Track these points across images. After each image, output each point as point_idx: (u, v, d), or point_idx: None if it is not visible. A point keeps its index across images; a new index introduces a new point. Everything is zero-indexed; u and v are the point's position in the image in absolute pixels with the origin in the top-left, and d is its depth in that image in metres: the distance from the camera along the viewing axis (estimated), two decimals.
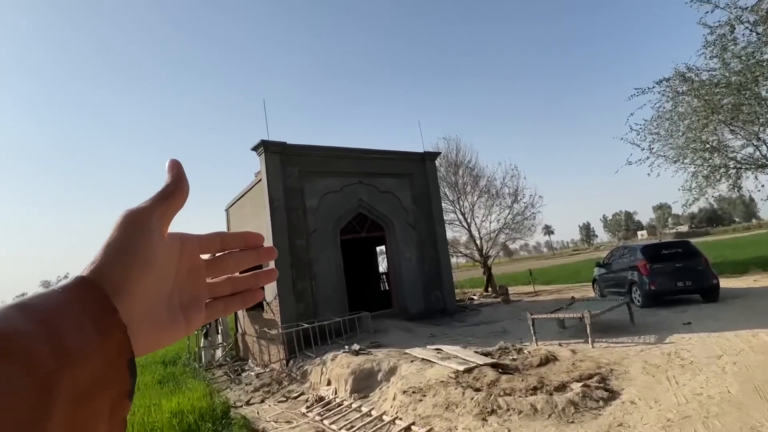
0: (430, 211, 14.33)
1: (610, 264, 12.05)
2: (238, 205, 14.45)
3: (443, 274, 14.00)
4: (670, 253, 9.98)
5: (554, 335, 8.46)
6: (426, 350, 8.04)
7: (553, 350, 7.05)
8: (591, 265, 14.13)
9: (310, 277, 11.52)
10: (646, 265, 9.90)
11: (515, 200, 21.31)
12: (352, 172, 12.94)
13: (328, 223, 12.25)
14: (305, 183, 12.08)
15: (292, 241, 11.36)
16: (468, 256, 23.11)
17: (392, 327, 11.32)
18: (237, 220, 14.72)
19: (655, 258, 9.94)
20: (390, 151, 13.93)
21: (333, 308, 11.76)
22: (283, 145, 11.60)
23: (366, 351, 8.90)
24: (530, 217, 21.33)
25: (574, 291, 17.54)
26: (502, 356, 7.02)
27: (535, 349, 7.27)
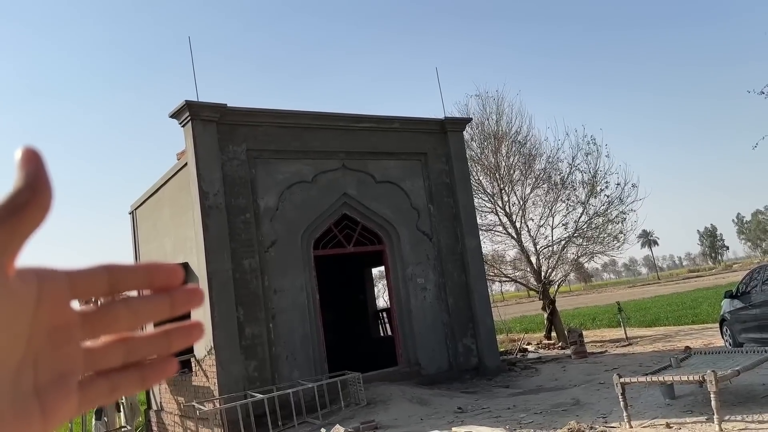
0: (456, 212, 14.14)
1: (748, 294, 11.85)
2: (151, 204, 14.32)
3: (478, 312, 13.80)
4: None
5: (658, 410, 8.31)
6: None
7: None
8: (719, 295, 13.94)
9: (266, 319, 11.33)
10: None
11: (592, 192, 21.08)
12: (332, 150, 12.79)
13: (294, 233, 12.07)
14: (258, 169, 11.91)
15: (238, 262, 11.19)
16: (518, 282, 22.91)
17: (397, 396, 11.15)
18: (149, 228, 14.58)
19: None
20: (392, 118, 13.76)
21: (303, 367, 11.58)
22: (221, 108, 11.44)
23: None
24: (618, 218, 21.11)
25: (690, 337, 17.33)
26: None
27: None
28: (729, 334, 12.79)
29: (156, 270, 0.43)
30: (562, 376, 12.84)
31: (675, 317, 24.13)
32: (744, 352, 8.59)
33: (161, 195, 13.62)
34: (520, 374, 13.79)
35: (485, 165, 21.63)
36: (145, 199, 14.67)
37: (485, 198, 21.54)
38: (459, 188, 14.26)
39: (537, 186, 21.80)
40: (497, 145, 21.62)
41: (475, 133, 22.18)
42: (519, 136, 21.96)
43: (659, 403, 8.64)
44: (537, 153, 22.06)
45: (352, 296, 18.47)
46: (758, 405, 7.78)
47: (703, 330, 18.56)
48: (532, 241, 21.59)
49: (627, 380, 7.81)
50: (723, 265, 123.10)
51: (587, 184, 21.46)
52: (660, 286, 75.08)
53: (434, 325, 13.47)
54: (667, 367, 8.51)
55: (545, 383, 12.41)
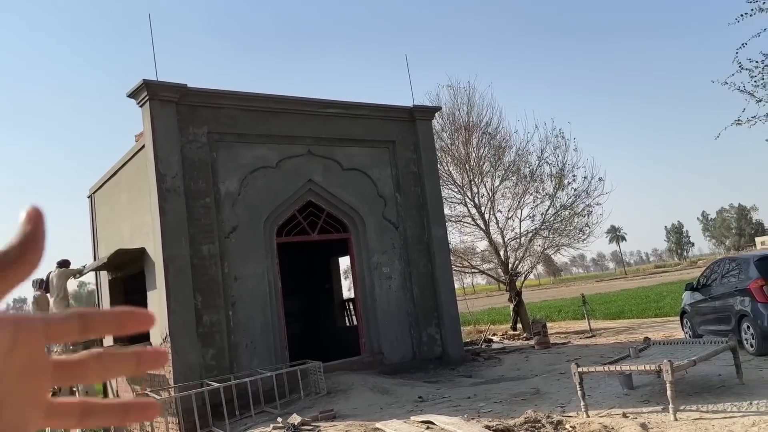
0: (424, 201, 13.98)
1: (708, 286, 11.93)
2: (109, 188, 13.86)
3: (443, 302, 13.68)
4: None
5: (616, 400, 8.29)
6: (409, 425, 7.78)
7: (614, 424, 6.82)
8: (682, 289, 14.08)
9: (225, 306, 11.04)
10: (764, 286, 9.78)
11: (560, 185, 21.13)
12: (297, 136, 12.50)
13: (256, 219, 11.77)
14: (220, 153, 11.56)
15: (197, 248, 10.86)
16: (485, 273, 22.91)
17: (358, 385, 10.98)
18: (107, 212, 14.13)
19: None
20: (361, 104, 13.52)
21: (263, 356, 11.33)
22: (181, 89, 11.06)
23: (312, 427, 8.54)
24: (584, 211, 21.21)
25: (653, 329, 17.51)
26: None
27: (584, 423, 7.04)
28: (689, 326, 12.90)
29: (127, 318, 0.45)
30: (524, 366, 12.80)
31: (639, 310, 24.42)
32: (701, 343, 8.61)
33: (119, 178, 13.17)
34: (483, 364, 13.72)
35: (455, 156, 21.51)
36: (104, 182, 14.19)
37: (455, 189, 21.45)
38: (426, 177, 14.08)
39: (506, 178, 21.77)
40: (467, 137, 21.52)
41: (446, 123, 22.06)
42: (489, 127, 21.90)
43: (617, 393, 8.62)
44: (507, 145, 22.03)
45: (319, 285, 18.21)
46: (713, 395, 7.79)
47: (666, 323, 18.77)
48: (500, 233, 21.59)
49: (584, 370, 7.75)
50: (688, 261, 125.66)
51: (555, 177, 21.51)
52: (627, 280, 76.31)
53: (398, 315, 13.31)
54: (625, 358, 8.49)
55: (507, 373, 12.36)
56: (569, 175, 21.41)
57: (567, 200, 21.24)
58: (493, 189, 21.63)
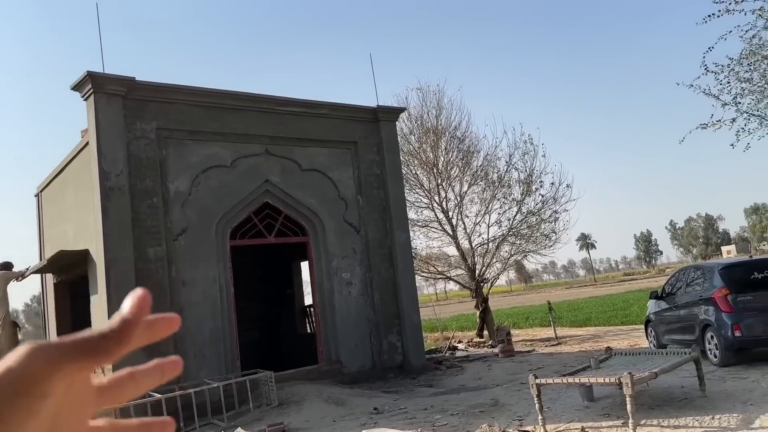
0: (387, 204, 13.57)
1: (672, 295, 11.75)
2: (56, 186, 13.16)
3: (405, 308, 13.27)
4: (767, 277, 9.75)
5: (575, 413, 8.00)
6: None
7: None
8: (648, 296, 14.01)
9: (172, 311, 10.42)
10: (728, 296, 9.62)
11: (528, 190, 20.94)
12: (253, 134, 12.00)
13: (208, 221, 11.24)
14: (169, 150, 11.00)
15: (142, 250, 10.27)
16: (453, 280, 22.60)
17: (312, 396, 10.52)
18: (54, 211, 13.42)
19: (742, 285, 9.73)
20: (321, 103, 13.06)
21: (212, 365, 10.80)
22: (129, 82, 10.47)
23: None
24: (551, 218, 21.04)
25: (618, 338, 17.38)
26: None
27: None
28: (653, 335, 12.71)
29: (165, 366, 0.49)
30: (486, 375, 12.46)
31: (605, 318, 24.35)
32: (664, 354, 8.34)
33: (65, 176, 12.49)
34: (445, 373, 13.34)
35: (423, 159, 21.17)
36: (50, 180, 13.48)
37: (422, 193, 21.11)
38: (390, 180, 13.68)
39: (474, 183, 21.52)
40: (436, 140, 21.21)
41: (414, 126, 21.73)
42: (458, 131, 21.64)
43: (578, 405, 8.31)
44: (475, 150, 21.78)
45: (280, 290, 17.65)
46: (675, 408, 7.53)
47: (632, 331, 18.65)
48: (467, 239, 21.31)
49: (542, 381, 7.41)
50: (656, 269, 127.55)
51: (523, 183, 21.32)
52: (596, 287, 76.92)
53: (358, 322, 12.85)
54: (586, 368, 8.19)
55: (468, 382, 12.00)
56: (537, 181, 21.25)
57: (534, 206, 21.06)
58: (461, 194, 21.35)
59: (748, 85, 10.70)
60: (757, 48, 10.28)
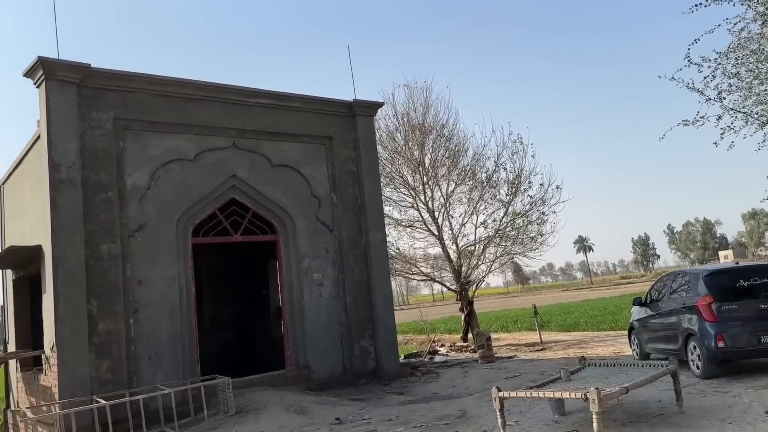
0: (362, 203, 13.05)
1: (657, 301, 11.27)
2: (15, 178, 12.64)
3: (379, 311, 12.76)
4: (754, 285, 9.29)
5: (544, 428, 7.50)
6: None
7: None
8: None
9: (126, 313, 9.93)
10: (712, 304, 9.16)
11: (516, 190, 20.43)
12: (220, 127, 11.48)
13: (168, 216, 10.71)
14: (127, 142, 10.47)
15: (95, 246, 9.74)
16: (437, 282, 22.08)
17: (273, 404, 10.02)
18: (14, 204, 12.88)
19: (727, 293, 9.29)
20: (293, 95, 12.52)
21: (169, 369, 10.28)
22: (84, 69, 9.92)
23: None
24: (538, 220, 20.53)
25: (604, 344, 16.88)
26: None
27: None
28: (636, 343, 12.24)
29: None
30: (461, 383, 11.93)
31: (595, 322, 23.87)
32: (639, 366, 7.83)
33: (23, 168, 11.94)
34: (419, 379, 12.82)
35: (409, 158, 20.64)
36: (11, 172, 12.93)
37: (407, 192, 20.58)
38: (366, 177, 13.15)
39: (461, 182, 21.01)
40: (422, 138, 20.68)
41: (400, 124, 21.21)
42: (445, 129, 21.12)
43: (547, 419, 7.79)
44: (463, 148, 21.26)
45: (254, 290, 17.11)
46: (649, 425, 7.00)
47: (619, 336, 18.16)
48: (453, 240, 20.80)
49: (505, 395, 6.90)
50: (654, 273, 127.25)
51: (512, 184, 20.81)
52: (591, 290, 76.61)
53: (329, 325, 12.33)
54: (555, 380, 7.68)
55: (441, 390, 11.48)
56: (525, 182, 20.74)
57: (522, 208, 20.56)
58: (447, 193, 20.83)
59: (735, 81, 10.21)
60: (746, 41, 9.80)
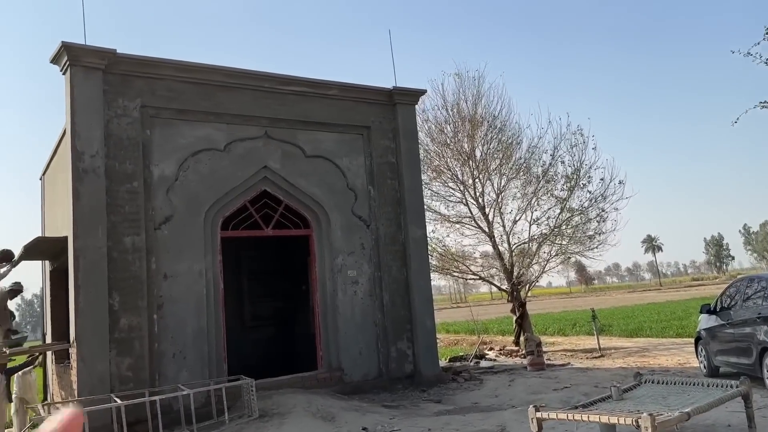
0: (401, 196, 12.37)
1: (728, 309, 10.15)
2: (52, 169, 12.64)
3: (418, 312, 12.06)
4: None
5: None
6: None
7: None
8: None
9: (149, 308, 9.62)
10: None
11: (574, 186, 19.26)
12: (252, 116, 11.04)
13: (196, 209, 10.35)
14: (155, 131, 10.16)
15: (118, 239, 9.46)
16: (487, 281, 21.15)
17: (300, 408, 9.49)
18: (52, 195, 12.89)
19: None
20: (329, 83, 11.97)
21: (194, 368, 9.92)
22: (110, 54, 9.65)
23: None
24: (598, 217, 19.29)
25: (668, 353, 15.69)
26: None
27: None
28: (704, 355, 11.10)
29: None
30: (504, 393, 11.10)
31: (659, 328, 22.37)
32: (704, 385, 6.86)
33: (57, 159, 11.89)
34: (461, 386, 12.05)
35: (457, 150, 19.79)
36: (48, 163, 12.95)
37: (455, 186, 19.75)
38: (406, 169, 12.46)
39: (514, 177, 20.00)
40: (472, 129, 19.78)
41: (450, 115, 20.37)
42: (498, 120, 20.13)
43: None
44: (516, 141, 20.24)
45: (294, 287, 16.72)
46: None
47: (685, 345, 16.81)
48: (506, 237, 19.83)
49: (544, 415, 6.09)
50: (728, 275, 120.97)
51: (570, 178, 19.65)
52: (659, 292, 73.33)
53: (364, 325, 11.73)
54: (606, 399, 6.81)
55: (483, 400, 10.69)
56: (585, 177, 19.54)
57: (580, 204, 19.38)
58: (499, 188, 19.87)
59: None
60: None
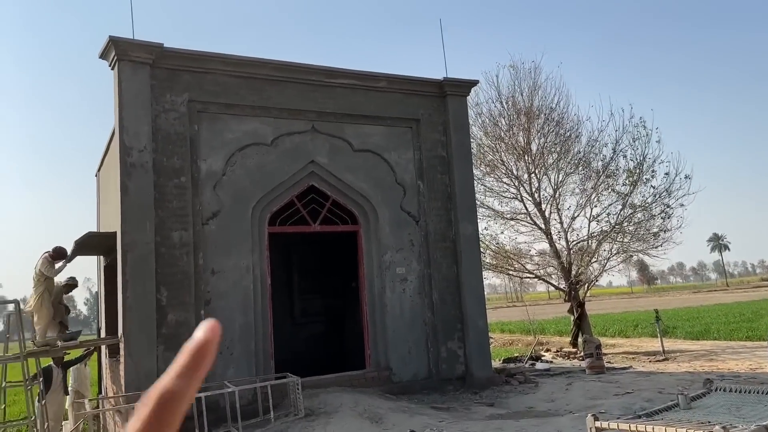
0: (452, 192, 12.00)
1: None
2: (106, 165, 12.85)
3: (469, 311, 11.68)
4: None
5: None
6: None
7: None
8: None
9: (197, 304, 9.61)
10: None
11: (637, 180, 18.40)
12: (299, 109, 10.91)
13: (243, 204, 10.29)
14: (202, 126, 10.15)
15: (166, 234, 9.49)
16: (543, 280, 20.47)
17: (347, 408, 9.30)
18: (106, 191, 13.12)
19: None
20: (377, 75, 11.71)
21: (241, 364, 9.88)
22: (157, 49, 9.68)
23: None
24: (662, 214, 18.36)
25: (738, 357, 14.79)
26: None
27: None
28: None
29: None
30: (561, 398, 10.58)
31: (728, 330, 21.15)
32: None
33: (110, 155, 12.07)
34: (515, 389, 11.59)
35: (512, 144, 19.20)
36: (102, 160, 13.20)
37: (509, 182, 19.17)
38: (457, 163, 12.07)
39: (573, 172, 19.27)
40: (528, 122, 19.16)
41: (504, 108, 19.80)
42: (555, 113, 19.43)
43: None
44: (575, 134, 19.49)
45: (345, 283, 16.57)
46: None
47: (756, 348, 15.81)
48: (564, 234, 19.13)
49: (603, 425, 5.63)
50: None
51: (632, 173, 18.78)
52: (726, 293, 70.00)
53: (413, 324, 11.43)
54: (672, 408, 6.28)
55: (538, 404, 10.22)
56: (648, 171, 18.64)
57: (643, 200, 18.49)
58: (557, 183, 19.19)
59: None
60: None
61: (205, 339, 0.52)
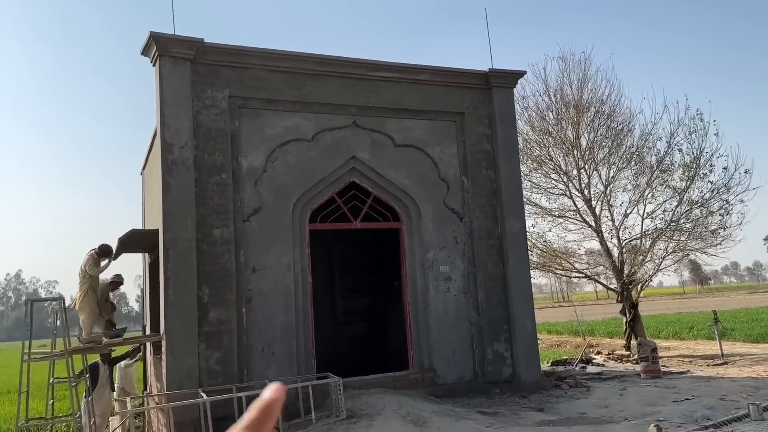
0: (498, 187, 11.63)
1: None
2: (150, 162, 12.94)
3: (516, 311, 11.29)
4: None
5: None
6: None
7: None
8: None
9: (238, 302, 9.52)
10: None
11: (694, 175, 17.57)
12: (340, 104, 10.73)
13: (284, 201, 10.17)
14: (243, 122, 10.06)
15: (207, 231, 9.44)
16: (594, 280, 19.80)
17: (389, 410, 9.05)
18: (151, 189, 13.23)
19: None
20: (420, 67, 11.42)
21: (282, 363, 9.77)
22: (198, 44, 9.63)
23: None
24: (721, 210, 17.48)
25: None
26: None
27: None
28: None
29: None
30: (616, 403, 10.09)
31: None
32: None
33: (153, 152, 12.13)
34: (565, 393, 11.14)
35: (561, 139, 18.60)
36: (146, 158, 13.31)
37: (557, 178, 18.59)
38: (503, 158, 11.68)
39: (625, 167, 18.55)
40: (578, 115, 18.53)
41: (553, 102, 19.22)
42: (605, 106, 18.74)
43: None
44: (627, 127, 18.76)
45: (388, 282, 16.34)
46: None
47: None
48: (616, 232, 18.44)
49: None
50: None
51: (689, 168, 17.95)
52: None
53: (458, 324, 11.10)
54: (741, 418, 5.81)
55: (590, 410, 9.76)
56: (705, 166, 17.78)
57: (701, 195, 17.64)
58: (608, 179, 18.50)
59: None
60: None
61: (271, 398, 0.62)
